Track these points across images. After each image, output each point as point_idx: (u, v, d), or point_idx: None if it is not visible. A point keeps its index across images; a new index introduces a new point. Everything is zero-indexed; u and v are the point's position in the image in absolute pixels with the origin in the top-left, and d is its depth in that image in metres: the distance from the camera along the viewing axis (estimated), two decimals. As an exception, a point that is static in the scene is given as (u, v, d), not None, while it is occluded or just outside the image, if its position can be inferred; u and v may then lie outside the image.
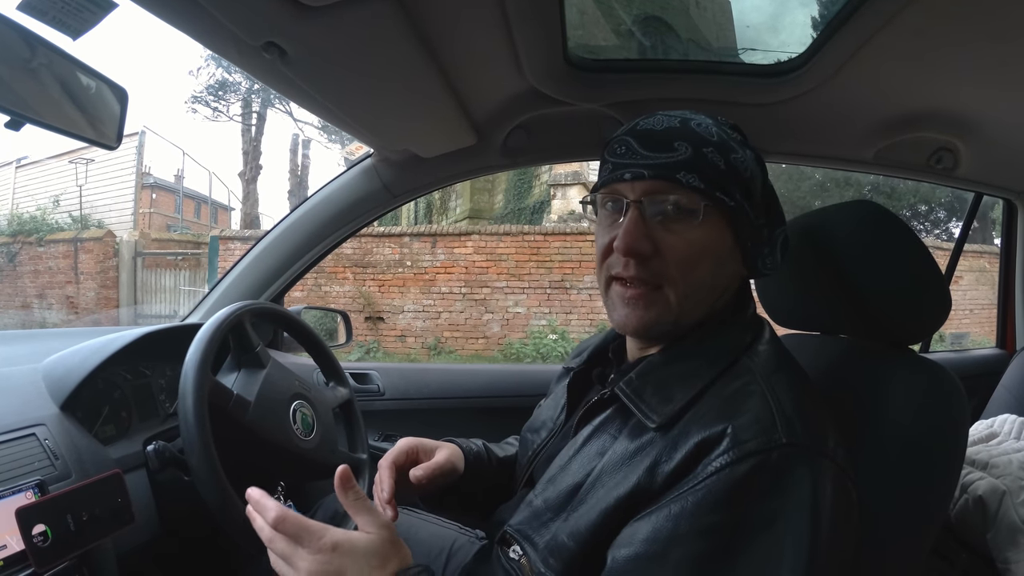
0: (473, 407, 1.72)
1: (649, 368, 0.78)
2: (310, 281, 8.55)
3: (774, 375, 0.72)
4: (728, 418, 0.65)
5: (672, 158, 0.74)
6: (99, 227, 10.98)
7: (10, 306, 10.83)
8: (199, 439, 0.89)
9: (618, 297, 0.79)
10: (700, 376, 0.73)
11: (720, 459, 0.62)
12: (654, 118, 0.78)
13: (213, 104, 16.68)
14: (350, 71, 1.01)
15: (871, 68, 1.12)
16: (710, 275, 0.77)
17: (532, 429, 0.99)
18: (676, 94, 1.29)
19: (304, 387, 1.15)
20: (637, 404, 0.73)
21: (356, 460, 1.24)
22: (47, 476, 0.88)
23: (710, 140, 0.75)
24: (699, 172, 0.73)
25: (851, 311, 0.91)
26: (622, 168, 0.76)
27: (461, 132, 1.32)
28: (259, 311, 1.16)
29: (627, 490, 0.67)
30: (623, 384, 0.77)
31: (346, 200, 1.53)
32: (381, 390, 1.72)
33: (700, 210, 0.74)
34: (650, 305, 0.76)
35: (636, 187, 0.75)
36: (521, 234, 8.57)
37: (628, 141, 0.77)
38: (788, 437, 0.64)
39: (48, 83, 0.88)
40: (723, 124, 0.80)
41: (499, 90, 1.24)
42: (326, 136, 18.46)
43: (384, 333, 8.59)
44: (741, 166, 0.76)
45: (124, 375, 1.20)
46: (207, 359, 0.96)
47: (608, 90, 1.26)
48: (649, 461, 0.67)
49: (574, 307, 8.41)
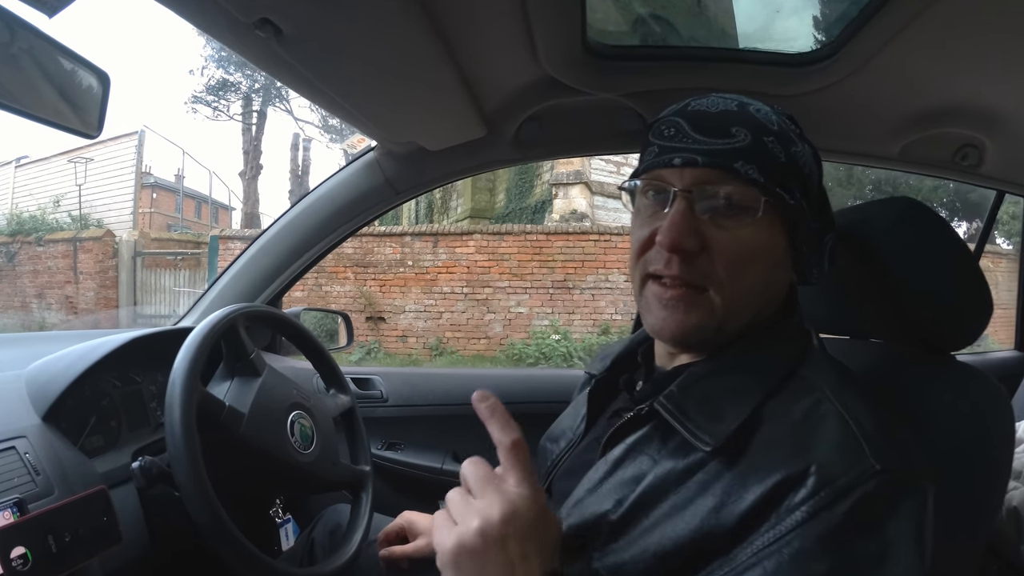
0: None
1: (692, 380, 0.69)
2: (310, 281, 8.53)
3: (843, 390, 0.64)
4: (807, 449, 0.57)
5: (729, 145, 0.66)
6: (98, 227, 10.98)
7: (9, 306, 10.84)
8: (187, 456, 0.83)
9: (655, 298, 0.71)
10: (750, 391, 0.65)
11: (811, 502, 0.54)
12: (708, 99, 0.71)
13: (213, 103, 16.76)
14: (351, 53, 0.93)
15: (900, 60, 1.07)
16: (760, 280, 0.69)
17: (552, 439, 0.92)
18: (698, 83, 1.21)
19: (302, 396, 1.08)
20: (683, 422, 0.64)
21: (358, 472, 1.17)
22: (27, 493, 0.82)
23: (770, 128, 0.68)
24: (758, 163, 0.66)
25: (888, 314, 0.86)
26: (671, 152, 0.68)
27: (470, 123, 1.25)
28: (254, 314, 1.09)
29: (689, 532, 0.59)
30: (663, 399, 0.68)
31: (347, 196, 1.45)
32: (384, 396, 1.65)
33: (759, 206, 0.66)
34: (691, 308, 0.68)
35: (685, 175, 0.68)
36: (524, 233, 8.57)
37: (678, 123, 0.69)
38: (880, 463, 0.56)
39: (28, 68, 0.81)
40: (780, 113, 0.72)
41: (512, 78, 1.17)
42: (327, 136, 18.57)
43: (385, 333, 8.57)
44: (801, 160, 0.70)
45: (113, 382, 1.14)
46: (196, 368, 0.89)
47: (627, 79, 1.19)
48: (714, 501, 0.59)
49: (577, 307, 8.40)
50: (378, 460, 1.53)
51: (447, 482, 1.55)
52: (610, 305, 8.41)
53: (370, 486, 1.18)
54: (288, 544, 1.19)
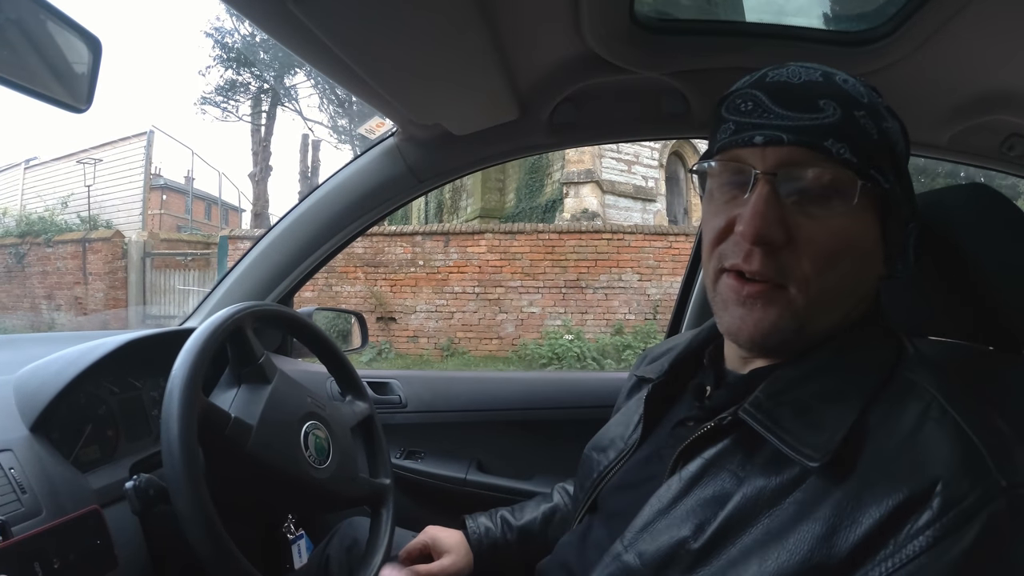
0: (508, 420, 1.54)
1: (781, 385, 0.62)
2: (321, 281, 8.55)
3: (954, 394, 0.56)
4: (926, 464, 0.51)
5: (817, 120, 0.59)
6: (107, 227, 11.03)
7: (19, 307, 10.94)
8: (186, 477, 0.73)
9: (731, 293, 0.63)
10: (849, 396, 0.58)
11: (935, 527, 0.48)
12: (787, 69, 0.63)
13: (222, 104, 16.84)
14: (375, 19, 0.83)
15: (957, 42, 1.01)
16: (849, 276, 0.62)
17: (599, 448, 0.84)
18: (750, 63, 1.12)
19: (317, 404, 0.98)
20: (778, 434, 0.57)
21: (378, 487, 1.08)
22: (12, 514, 0.75)
23: (860, 101, 0.61)
24: (850, 141, 0.59)
25: (959, 308, 0.79)
26: (750, 129, 0.61)
27: (502, 103, 1.15)
28: (262, 314, 0.98)
29: (795, 565, 0.51)
30: (750, 407, 0.60)
31: (365, 186, 1.35)
32: (403, 401, 1.55)
33: (855, 191, 0.59)
34: (770, 304, 0.61)
35: (768, 155, 0.60)
36: (535, 232, 8.60)
37: (756, 95, 0.62)
38: (1008, 478, 0.50)
39: (15, 38, 0.74)
40: (867, 85, 0.65)
41: (551, 53, 1.08)
42: (336, 136, 18.55)
43: (396, 334, 8.58)
44: (893, 138, 0.62)
45: (110, 388, 1.06)
46: (196, 375, 0.79)
47: (674, 56, 1.10)
48: (823, 527, 0.52)
49: (590, 307, 8.44)
50: (397, 470, 1.43)
51: (471, 493, 1.48)
52: (623, 305, 8.44)
53: (391, 501, 1.09)
54: (301, 562, 1.09)
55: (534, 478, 1.47)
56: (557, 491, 1.10)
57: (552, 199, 10.42)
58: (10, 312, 10.99)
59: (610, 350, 7.77)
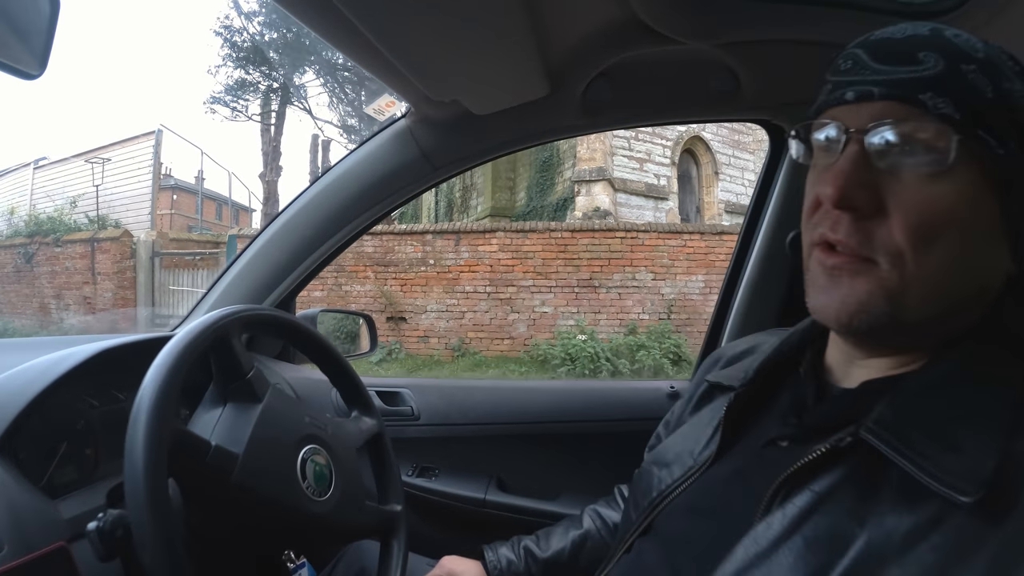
0: (531, 434, 1.41)
1: (907, 400, 0.53)
2: (330, 280, 8.51)
3: None
4: None
5: (914, 72, 0.53)
6: (116, 227, 11.07)
7: (28, 307, 10.98)
8: (151, 520, 0.59)
9: (819, 267, 0.57)
10: (988, 412, 0.50)
11: None
12: (895, 26, 0.57)
13: (232, 103, 16.87)
14: None
15: (1016, 22, 0.91)
16: (956, 260, 0.53)
17: (661, 462, 0.74)
18: (808, 35, 1.02)
19: (317, 425, 0.84)
20: (917, 461, 0.49)
21: (388, 515, 0.95)
22: None
23: (973, 56, 0.53)
24: (952, 96, 0.51)
25: None
26: (844, 86, 0.56)
27: (531, 79, 1.03)
28: (251, 319, 0.84)
29: None
30: (875, 426, 0.52)
31: (375, 174, 1.22)
32: (415, 413, 1.42)
33: (951, 147, 0.50)
34: (856, 276, 0.54)
35: (861, 112, 0.54)
36: (548, 231, 8.54)
37: (856, 54, 0.57)
38: None
39: None
40: (993, 45, 0.56)
41: (590, 19, 0.96)
42: (346, 137, 18.56)
43: (406, 334, 8.53)
44: (1019, 102, 0.53)
45: (89, 401, 0.94)
46: (166, 396, 0.65)
47: (727, 25, 0.99)
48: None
49: (603, 306, 8.38)
50: (409, 489, 1.30)
51: (490, 515, 1.34)
52: (637, 304, 8.37)
53: (404, 530, 0.96)
54: (303, 593, 0.97)
55: (560, 498, 1.34)
56: (588, 514, 0.99)
57: (563, 197, 10.38)
58: (19, 312, 11.04)
59: (624, 350, 7.67)
